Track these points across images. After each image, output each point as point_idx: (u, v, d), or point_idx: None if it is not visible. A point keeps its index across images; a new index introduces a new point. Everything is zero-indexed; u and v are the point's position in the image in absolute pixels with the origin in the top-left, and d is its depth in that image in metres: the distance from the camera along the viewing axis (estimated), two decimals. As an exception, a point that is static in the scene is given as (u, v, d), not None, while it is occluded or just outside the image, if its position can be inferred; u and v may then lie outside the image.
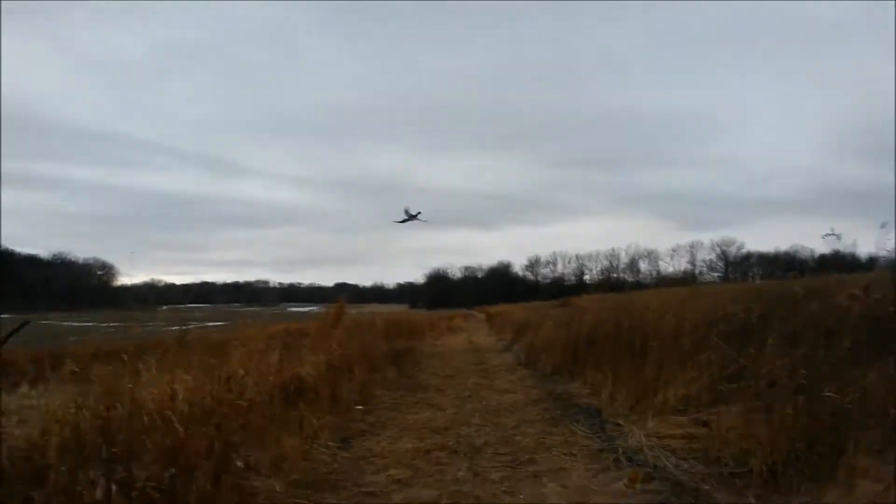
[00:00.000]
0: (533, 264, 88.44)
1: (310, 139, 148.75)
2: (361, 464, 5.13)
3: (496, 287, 77.00)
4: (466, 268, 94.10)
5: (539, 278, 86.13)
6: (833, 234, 4.45)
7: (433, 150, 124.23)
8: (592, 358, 8.98)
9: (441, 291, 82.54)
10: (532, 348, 13.31)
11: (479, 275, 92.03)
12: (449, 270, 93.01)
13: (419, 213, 6.39)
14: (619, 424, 6.14)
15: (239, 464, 4.33)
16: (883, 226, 4.77)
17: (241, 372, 5.78)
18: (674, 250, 72.03)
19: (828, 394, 4.00)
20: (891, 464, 3.39)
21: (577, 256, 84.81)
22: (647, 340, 7.49)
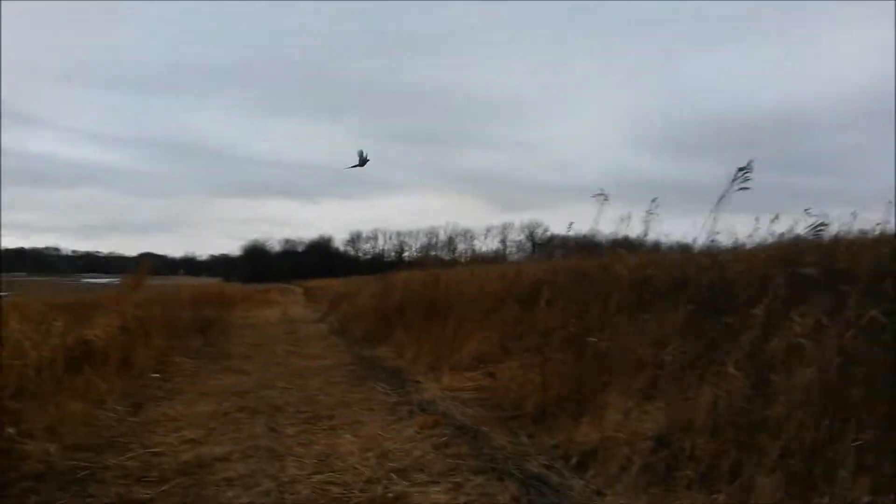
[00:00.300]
0: (354, 239, 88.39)
1: (118, 93, 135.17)
2: (152, 427, 4.96)
3: (316, 262, 75.87)
4: (286, 241, 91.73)
5: (360, 254, 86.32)
6: (602, 195, 4.96)
7: (256, 114, 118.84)
8: (401, 324, 9.31)
9: (258, 265, 79.78)
10: (345, 318, 13.49)
11: (300, 248, 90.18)
12: (267, 243, 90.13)
13: (367, 158, 6.08)
14: (418, 381, 6.46)
15: (10, 430, 4.06)
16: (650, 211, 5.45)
17: (17, 335, 5.35)
18: (488, 230, 75.41)
19: (591, 339, 4.52)
20: (633, 397, 3.94)
21: (398, 233, 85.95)
22: (450, 307, 7.92)
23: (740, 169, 4.07)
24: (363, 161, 5.95)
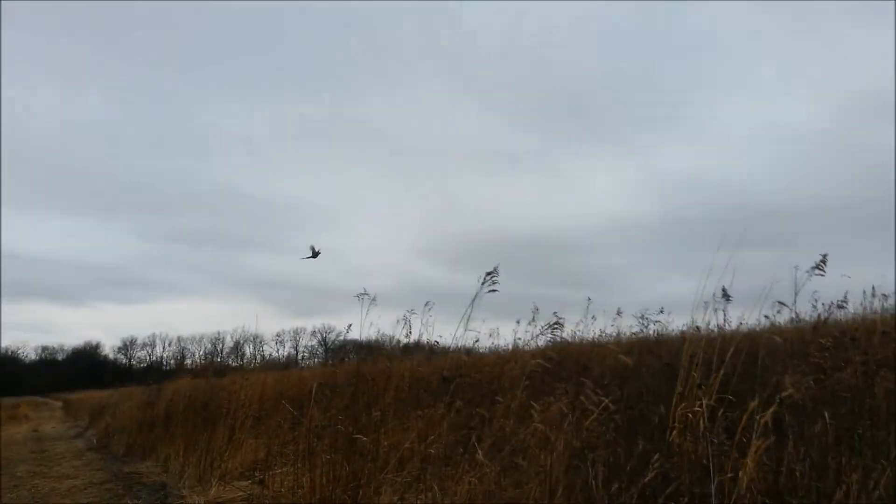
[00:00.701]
0: (128, 346, 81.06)
1: None
2: None
3: (81, 370, 68.09)
4: (44, 348, 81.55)
5: (134, 361, 79.00)
6: (366, 294, 5.14)
7: (26, 208, 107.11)
8: (168, 435, 8.66)
9: (6, 376, 69.73)
10: (107, 431, 12.22)
11: (61, 357, 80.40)
12: (20, 351, 79.30)
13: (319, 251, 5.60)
14: (182, 496, 6.00)
15: None
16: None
17: None
18: (279, 335, 73.24)
19: (359, 436, 4.57)
20: (399, 490, 4.02)
21: (179, 338, 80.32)
22: (224, 415, 7.56)
23: (488, 273, 4.49)
24: (315, 254, 5.78)
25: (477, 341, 9.86)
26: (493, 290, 4.59)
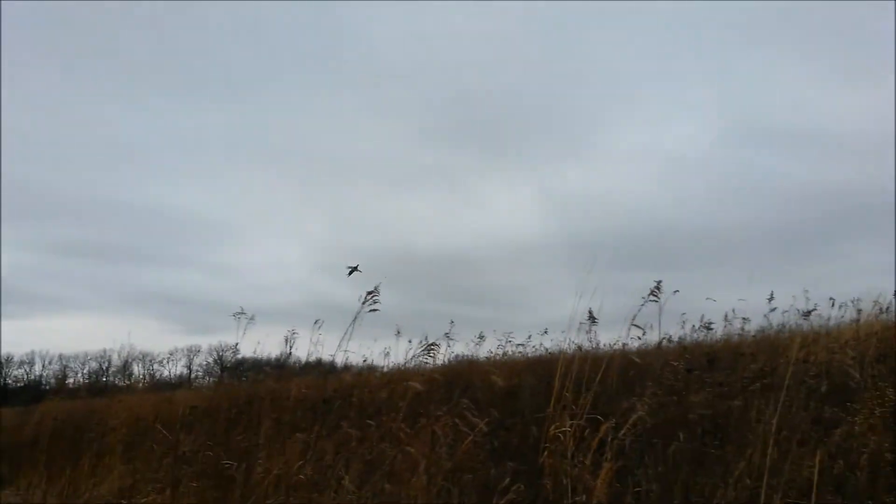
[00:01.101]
0: (2, 364, 75.36)
1: None
2: None
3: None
4: None
5: (9, 381, 73.50)
6: (243, 313, 4.99)
7: None
8: (31, 461, 8.08)
9: None
10: (-33, 458, 11.22)
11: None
12: None
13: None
14: (39, 528, 5.60)
15: None
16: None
17: None
18: (172, 353, 70.03)
19: (229, 463, 4.40)
20: None
21: (62, 356, 75.38)
22: (94, 439, 7.15)
23: (369, 293, 4.43)
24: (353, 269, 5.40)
25: (366, 360, 9.79)
26: (374, 310, 4.53)
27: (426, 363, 4.89)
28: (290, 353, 5.55)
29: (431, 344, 4.37)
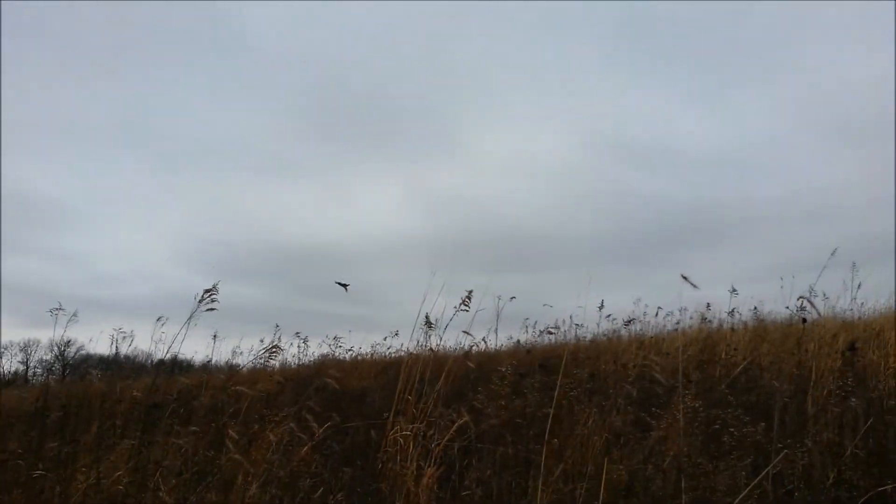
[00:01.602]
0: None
1: None
2: None
3: None
4: None
5: None
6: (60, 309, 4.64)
7: None
8: None
9: None
10: None
11: None
12: None
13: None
14: None
15: None
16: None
17: None
18: (6, 348, 63.94)
19: (39, 472, 4.07)
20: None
21: None
22: None
23: (207, 291, 4.25)
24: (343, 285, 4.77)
25: (209, 360, 9.42)
26: (212, 309, 4.36)
27: (270, 364, 4.77)
28: (118, 353, 5.22)
29: (273, 346, 4.25)
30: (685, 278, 5.77)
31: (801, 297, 5.26)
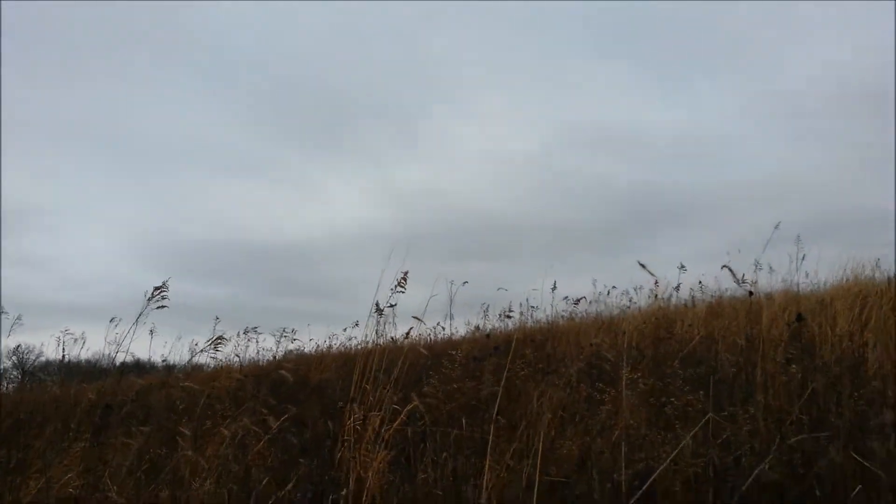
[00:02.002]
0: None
1: None
2: None
3: None
4: None
5: None
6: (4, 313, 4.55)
7: None
8: None
9: None
10: None
11: None
12: None
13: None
14: None
15: None
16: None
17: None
18: (-33, 356, 62.04)
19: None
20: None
21: None
22: None
23: (156, 288, 4.19)
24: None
25: (165, 360, 9.31)
26: (163, 307, 4.31)
27: (226, 360, 4.73)
28: (64, 357, 5.12)
29: (219, 338, 4.21)
30: (643, 266, 5.89)
31: (743, 274, 5.40)
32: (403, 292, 3.74)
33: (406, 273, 3.71)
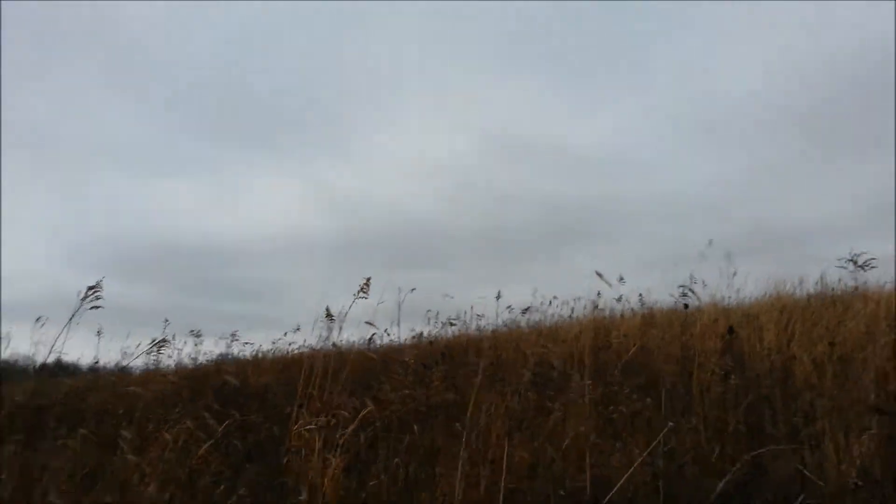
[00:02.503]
0: None
1: None
2: None
3: None
4: None
5: None
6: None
7: None
8: None
9: None
10: None
11: None
12: None
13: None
14: None
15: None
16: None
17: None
18: None
19: None
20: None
21: None
22: None
23: (90, 287, 4.06)
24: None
25: (97, 362, 8.97)
26: (97, 307, 4.17)
27: (157, 363, 4.59)
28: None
29: (161, 340, 4.10)
30: (599, 275, 6.04)
31: (681, 286, 5.63)
32: (366, 298, 3.73)
33: (368, 279, 3.71)
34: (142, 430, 4.10)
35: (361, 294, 3.71)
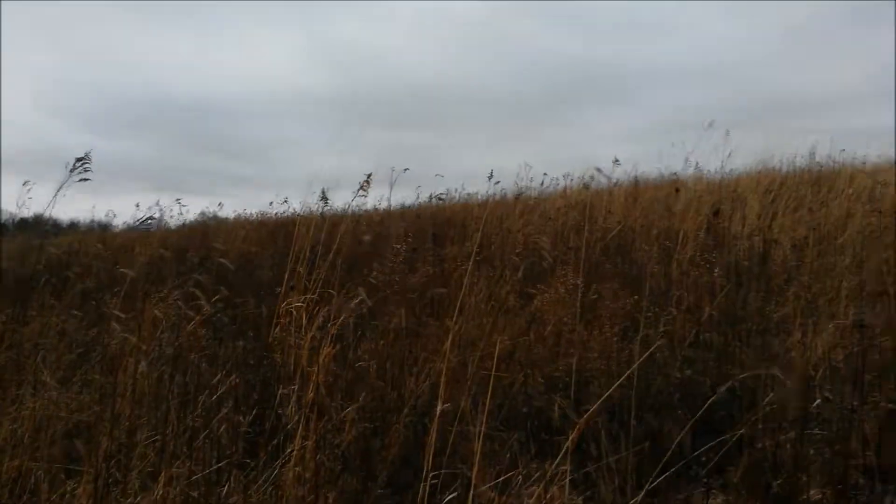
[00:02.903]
0: None
1: None
2: None
3: None
4: None
5: None
6: None
7: None
8: None
9: None
10: None
11: None
12: None
13: None
14: None
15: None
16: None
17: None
18: None
19: None
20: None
21: None
22: None
23: (79, 159, 3.97)
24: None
25: (79, 222, 8.92)
26: (85, 179, 4.10)
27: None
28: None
29: (148, 217, 4.07)
30: (599, 170, 5.95)
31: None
32: (365, 196, 3.68)
33: (370, 176, 3.63)
34: (131, 306, 4.14)
35: (361, 193, 3.64)
